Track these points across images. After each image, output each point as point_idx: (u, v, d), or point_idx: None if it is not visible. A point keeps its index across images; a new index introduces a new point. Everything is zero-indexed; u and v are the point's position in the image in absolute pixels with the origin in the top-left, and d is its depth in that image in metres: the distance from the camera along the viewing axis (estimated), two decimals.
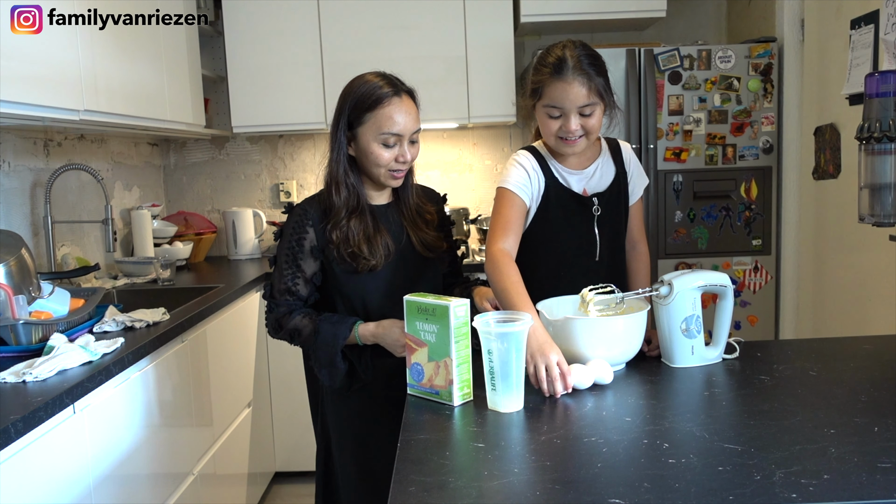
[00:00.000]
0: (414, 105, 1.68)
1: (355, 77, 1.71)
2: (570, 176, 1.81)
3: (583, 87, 1.67)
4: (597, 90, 1.69)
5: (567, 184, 1.81)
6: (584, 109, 1.69)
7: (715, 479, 1.02)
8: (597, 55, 1.73)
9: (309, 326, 1.67)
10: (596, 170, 1.83)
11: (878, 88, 1.49)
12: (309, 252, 1.69)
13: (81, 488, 1.55)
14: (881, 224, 1.52)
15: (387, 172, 1.66)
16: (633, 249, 1.91)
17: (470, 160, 3.72)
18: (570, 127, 1.69)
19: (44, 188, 2.52)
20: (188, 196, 3.72)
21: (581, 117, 1.70)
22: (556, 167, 1.82)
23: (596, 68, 1.70)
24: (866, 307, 2.58)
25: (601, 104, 1.72)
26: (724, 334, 1.58)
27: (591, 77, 1.68)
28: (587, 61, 1.69)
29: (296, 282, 1.70)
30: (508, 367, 1.31)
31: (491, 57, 3.28)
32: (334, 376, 1.68)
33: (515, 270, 1.62)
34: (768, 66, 3.01)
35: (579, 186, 1.82)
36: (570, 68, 1.67)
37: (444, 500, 1.00)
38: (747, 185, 3.06)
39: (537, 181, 1.79)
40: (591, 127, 1.71)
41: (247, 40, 3.26)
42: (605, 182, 1.83)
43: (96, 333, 1.89)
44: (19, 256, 1.83)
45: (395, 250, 1.70)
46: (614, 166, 1.85)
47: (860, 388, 1.38)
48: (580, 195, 1.82)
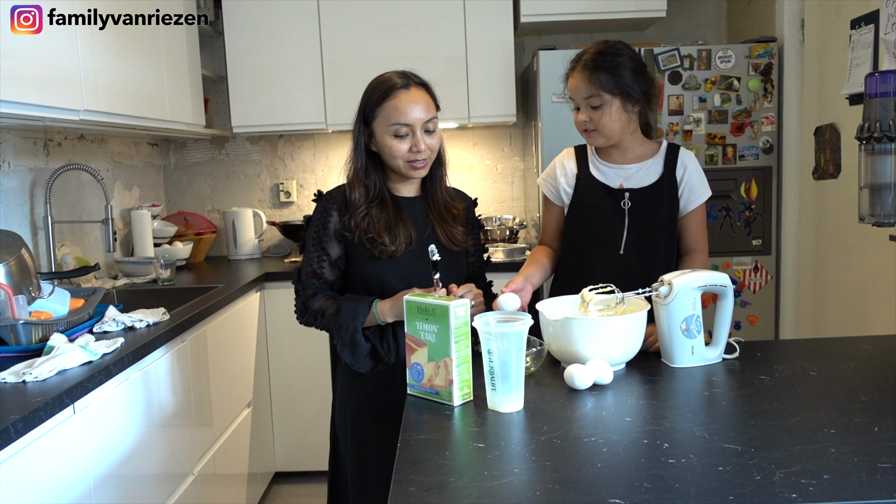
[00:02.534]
0: (426, 95, 1.72)
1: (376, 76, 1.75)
2: (608, 169, 1.88)
3: (583, 80, 1.78)
4: (599, 84, 1.76)
5: (602, 176, 1.88)
6: (592, 101, 1.78)
7: (715, 479, 1.02)
8: (610, 53, 1.78)
9: (332, 307, 1.71)
10: (640, 169, 1.86)
11: (878, 88, 1.49)
12: (333, 235, 1.73)
13: (81, 488, 1.55)
14: (881, 224, 1.52)
15: (405, 164, 1.70)
16: (688, 255, 1.90)
17: (470, 160, 3.72)
18: (578, 117, 1.83)
19: (44, 188, 2.52)
20: (188, 196, 3.72)
21: (591, 110, 1.79)
22: (595, 160, 1.91)
23: (604, 65, 1.76)
24: (866, 307, 2.58)
25: (614, 100, 1.77)
26: (724, 334, 1.58)
27: (593, 71, 1.76)
28: (595, 58, 1.78)
29: (321, 264, 1.74)
30: (508, 367, 1.31)
31: (491, 57, 3.28)
32: (357, 355, 1.70)
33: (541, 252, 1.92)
34: (768, 66, 3.01)
35: (616, 181, 1.86)
36: (578, 63, 1.80)
37: (444, 500, 1.00)
38: (747, 185, 3.06)
39: (564, 174, 1.91)
40: (601, 122, 1.79)
41: (247, 40, 3.26)
42: (646, 181, 1.85)
43: (96, 333, 1.90)
44: (19, 256, 1.83)
45: (417, 240, 1.73)
46: (663, 169, 1.86)
47: (860, 388, 1.38)
48: (611, 187, 1.86)
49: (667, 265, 1.87)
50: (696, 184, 1.88)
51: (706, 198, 1.89)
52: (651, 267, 1.84)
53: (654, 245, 1.87)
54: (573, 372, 1.42)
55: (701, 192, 1.88)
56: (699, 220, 1.91)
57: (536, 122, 3.11)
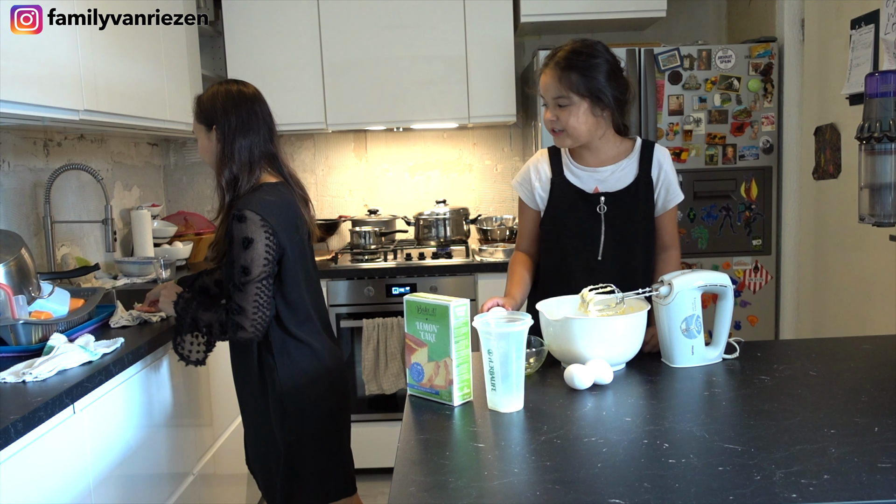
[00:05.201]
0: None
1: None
2: (582, 173, 1.85)
3: (553, 79, 1.74)
4: (569, 84, 1.73)
5: (577, 180, 1.84)
6: (560, 101, 1.75)
7: (715, 479, 1.02)
8: (585, 53, 1.75)
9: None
10: (615, 171, 1.83)
11: (879, 88, 1.48)
12: None
13: (81, 488, 1.55)
14: (881, 224, 1.52)
15: None
16: (664, 252, 1.90)
17: (470, 160, 3.72)
18: (546, 116, 1.79)
19: (43, 188, 2.52)
20: (188, 196, 3.72)
21: (559, 109, 1.76)
22: (569, 163, 1.86)
23: (577, 65, 1.73)
24: (866, 307, 2.58)
25: (582, 102, 1.73)
26: (724, 334, 1.58)
27: (564, 70, 1.73)
28: (568, 57, 1.74)
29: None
30: (508, 367, 1.31)
31: (491, 57, 3.28)
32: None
33: (520, 264, 1.90)
34: (768, 65, 3.01)
35: (591, 184, 1.84)
36: (551, 60, 1.77)
37: (444, 500, 1.00)
38: (747, 185, 3.06)
39: (538, 177, 1.87)
40: (567, 123, 1.76)
41: (247, 40, 3.26)
42: (621, 183, 1.83)
43: (113, 328, 1.96)
44: (19, 256, 1.83)
45: None
46: (637, 169, 1.84)
47: (860, 388, 1.38)
48: (586, 192, 1.83)
49: (645, 267, 1.86)
50: (672, 182, 1.86)
51: (682, 198, 1.89)
52: (630, 270, 1.83)
53: (632, 248, 1.85)
54: (573, 372, 1.42)
55: (673, 197, 1.87)
56: (675, 216, 1.91)
57: (536, 122, 3.11)
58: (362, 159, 3.71)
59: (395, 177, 3.72)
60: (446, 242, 3.39)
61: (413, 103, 3.29)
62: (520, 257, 1.93)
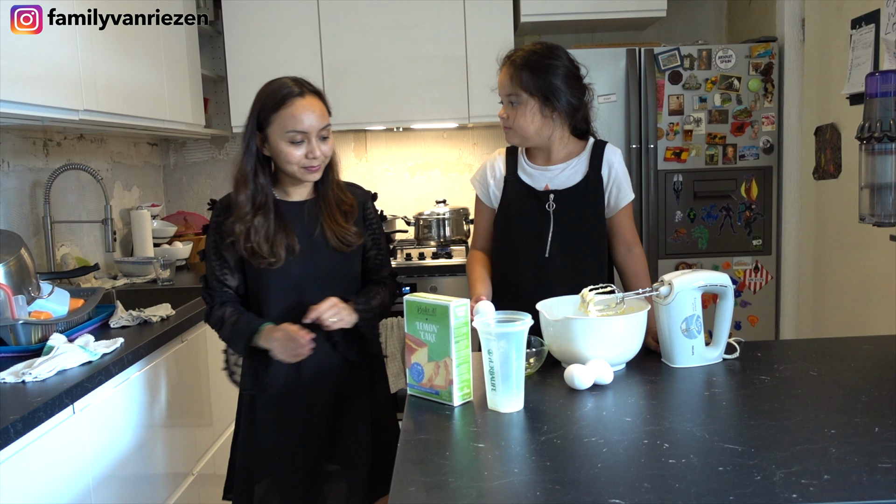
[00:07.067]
0: (320, 103, 1.70)
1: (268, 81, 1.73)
2: (534, 171, 1.87)
3: (507, 76, 1.79)
4: (520, 82, 1.76)
5: (529, 178, 1.86)
6: (511, 98, 1.79)
7: (715, 480, 1.02)
8: (540, 54, 1.77)
9: (232, 318, 1.71)
10: (566, 169, 1.84)
11: (879, 88, 1.48)
12: (228, 242, 1.72)
13: (81, 488, 1.55)
14: (881, 224, 1.52)
15: (300, 169, 1.69)
16: (629, 252, 1.89)
17: (470, 160, 3.72)
18: (500, 113, 1.83)
19: (43, 188, 2.52)
20: (188, 196, 3.72)
21: (510, 107, 1.80)
22: (523, 162, 1.89)
23: (531, 64, 1.75)
24: (866, 307, 2.58)
25: (531, 100, 1.75)
26: (724, 334, 1.58)
27: (518, 68, 1.77)
28: (525, 56, 1.78)
29: (223, 272, 1.74)
30: (508, 368, 1.31)
31: (491, 57, 3.21)
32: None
33: (478, 263, 1.90)
34: (769, 65, 3.00)
35: (541, 182, 1.85)
36: (508, 59, 1.81)
37: (444, 500, 1.00)
38: (748, 185, 3.06)
39: (493, 175, 1.91)
40: (515, 121, 1.79)
41: (247, 40, 3.26)
42: (570, 181, 1.84)
43: (113, 328, 1.96)
44: (19, 256, 1.83)
45: (300, 250, 1.72)
46: (587, 167, 1.84)
47: (860, 388, 1.38)
48: (535, 189, 1.85)
49: (597, 266, 1.85)
50: (623, 180, 1.85)
51: (633, 197, 1.88)
52: (580, 270, 1.82)
53: (581, 246, 1.84)
54: (573, 372, 1.42)
55: (625, 196, 1.86)
56: (630, 215, 1.90)
57: None
58: (362, 159, 3.71)
59: (395, 177, 3.72)
60: (446, 242, 3.39)
61: (413, 103, 3.29)
62: (477, 255, 1.94)
